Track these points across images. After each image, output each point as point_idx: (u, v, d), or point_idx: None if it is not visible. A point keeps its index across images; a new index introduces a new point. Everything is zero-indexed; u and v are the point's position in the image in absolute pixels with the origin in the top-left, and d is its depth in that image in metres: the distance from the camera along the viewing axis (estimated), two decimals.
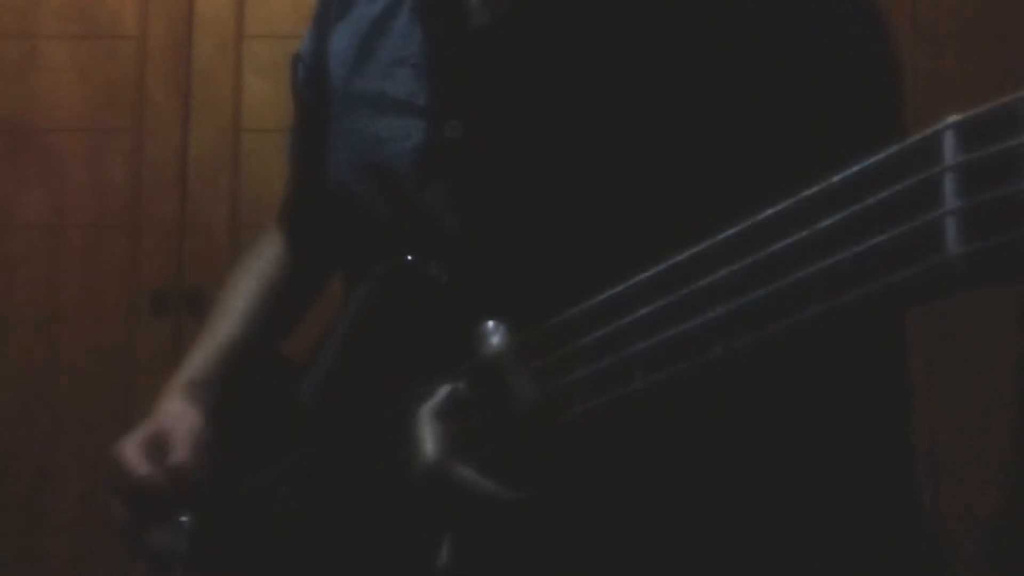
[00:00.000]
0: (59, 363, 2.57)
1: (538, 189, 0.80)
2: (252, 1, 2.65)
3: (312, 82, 1.03)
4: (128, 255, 2.60)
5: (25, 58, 2.66)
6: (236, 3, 2.65)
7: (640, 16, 0.79)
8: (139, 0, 2.64)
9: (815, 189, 0.50)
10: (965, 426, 2.35)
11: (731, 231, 0.55)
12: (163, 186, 2.61)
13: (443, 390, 0.71)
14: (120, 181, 2.62)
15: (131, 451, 1.00)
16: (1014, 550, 2.26)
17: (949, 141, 0.44)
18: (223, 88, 2.63)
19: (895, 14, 2.39)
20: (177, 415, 1.03)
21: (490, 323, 0.69)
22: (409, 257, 0.83)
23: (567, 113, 0.80)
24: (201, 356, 1.09)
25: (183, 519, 1.01)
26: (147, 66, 2.64)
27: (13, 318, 2.59)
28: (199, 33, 2.64)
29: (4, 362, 2.58)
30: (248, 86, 2.63)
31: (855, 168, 0.49)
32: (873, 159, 0.48)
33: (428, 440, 0.71)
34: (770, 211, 0.53)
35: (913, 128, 0.48)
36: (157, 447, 1.00)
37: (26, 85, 2.65)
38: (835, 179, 0.50)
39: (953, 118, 0.44)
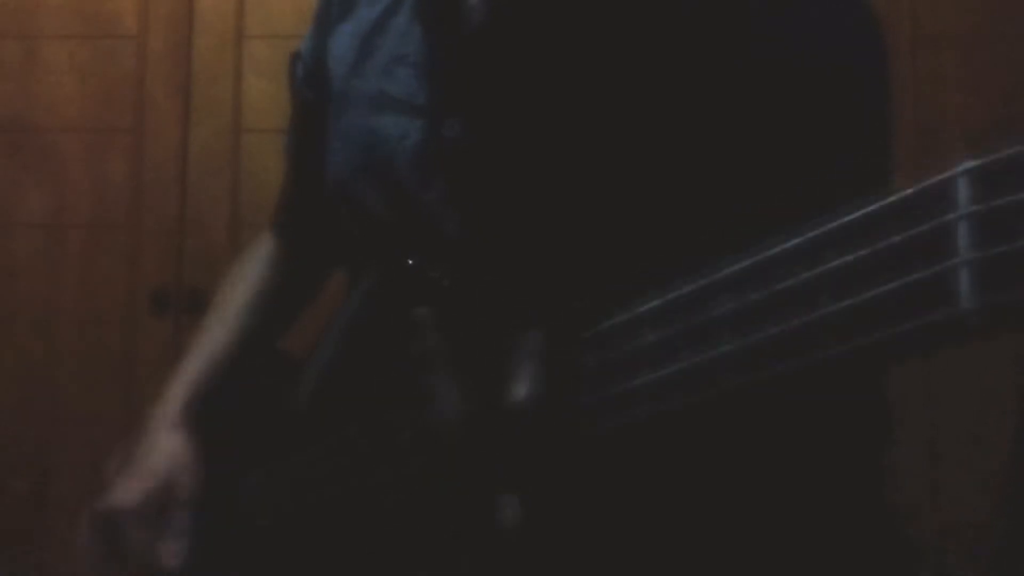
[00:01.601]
0: (59, 363, 2.57)
1: (537, 189, 0.80)
2: (252, 1, 2.64)
3: (311, 80, 1.03)
4: (128, 255, 2.59)
5: (25, 58, 2.65)
6: (236, 3, 2.64)
7: (639, 17, 0.79)
8: (139, 0, 2.64)
9: (825, 228, 0.50)
10: (965, 426, 2.35)
11: (736, 266, 0.55)
12: (163, 186, 2.61)
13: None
14: (120, 181, 2.62)
15: (133, 516, 1.00)
16: (1014, 550, 2.26)
17: (963, 187, 0.43)
18: (223, 88, 2.63)
19: (895, 14, 2.39)
20: (177, 466, 1.02)
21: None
22: (409, 260, 0.82)
23: (566, 113, 0.80)
24: (195, 369, 1.09)
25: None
26: (147, 66, 2.63)
27: (13, 318, 2.59)
28: (199, 33, 2.64)
29: (4, 362, 2.57)
30: (248, 86, 2.62)
31: (866, 208, 0.48)
32: (884, 200, 0.47)
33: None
34: (777, 248, 0.52)
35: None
36: (158, 507, 1.01)
37: (26, 85, 2.64)
38: (846, 218, 0.49)
39: (967, 164, 0.43)
